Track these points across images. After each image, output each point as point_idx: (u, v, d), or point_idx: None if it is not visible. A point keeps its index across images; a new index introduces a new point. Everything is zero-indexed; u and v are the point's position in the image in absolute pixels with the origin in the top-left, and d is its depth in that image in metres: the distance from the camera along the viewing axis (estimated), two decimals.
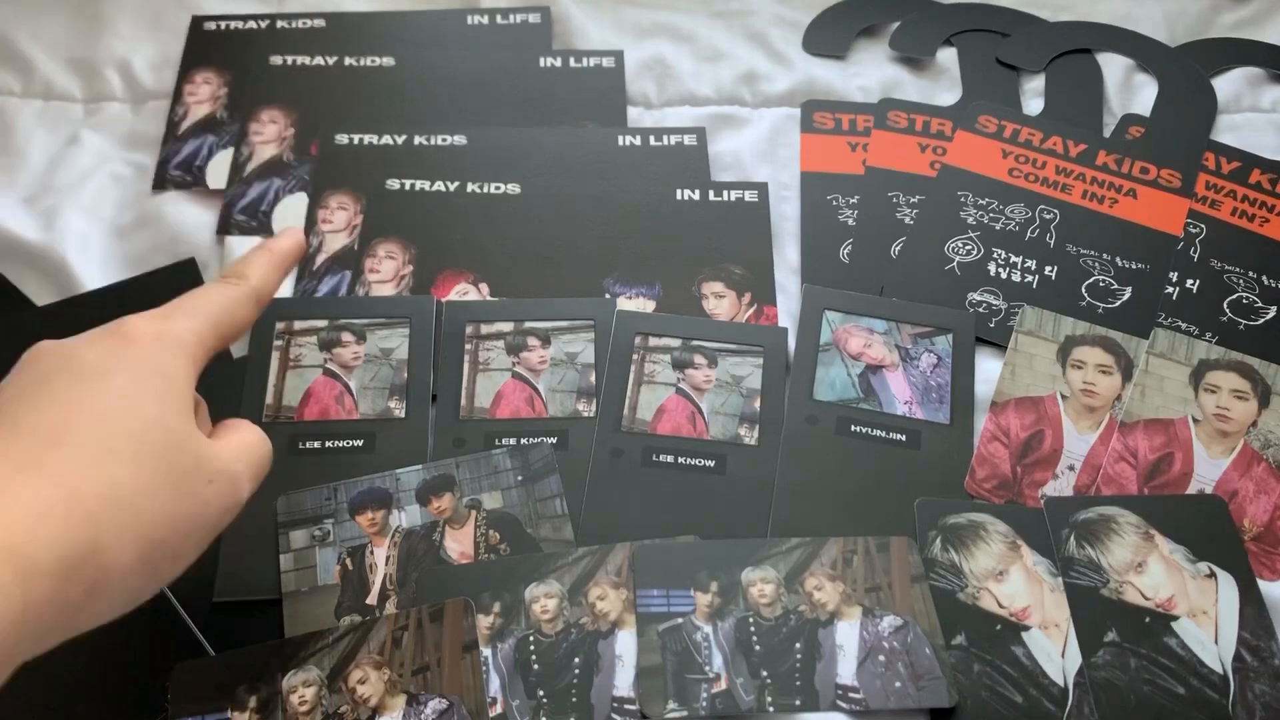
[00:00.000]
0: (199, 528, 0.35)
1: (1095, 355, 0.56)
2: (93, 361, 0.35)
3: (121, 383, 0.34)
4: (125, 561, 0.32)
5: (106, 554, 0.31)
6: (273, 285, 0.43)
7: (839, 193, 0.63)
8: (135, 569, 0.32)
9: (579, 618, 0.46)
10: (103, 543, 0.31)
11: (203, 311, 0.39)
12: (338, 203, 0.62)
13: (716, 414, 0.54)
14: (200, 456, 0.35)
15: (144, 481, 0.33)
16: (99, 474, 0.32)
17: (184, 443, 0.35)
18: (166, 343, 0.37)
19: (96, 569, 0.31)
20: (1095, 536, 0.49)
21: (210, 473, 0.35)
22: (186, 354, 0.37)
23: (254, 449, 0.39)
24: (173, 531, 0.34)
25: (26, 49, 0.69)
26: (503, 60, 0.69)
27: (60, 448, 0.32)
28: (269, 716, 0.44)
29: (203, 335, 0.38)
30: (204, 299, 0.40)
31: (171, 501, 0.33)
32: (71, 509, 0.30)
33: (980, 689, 0.45)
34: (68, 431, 0.32)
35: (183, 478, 0.34)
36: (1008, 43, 0.71)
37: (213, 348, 0.39)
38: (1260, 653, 0.46)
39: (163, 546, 0.33)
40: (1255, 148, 0.65)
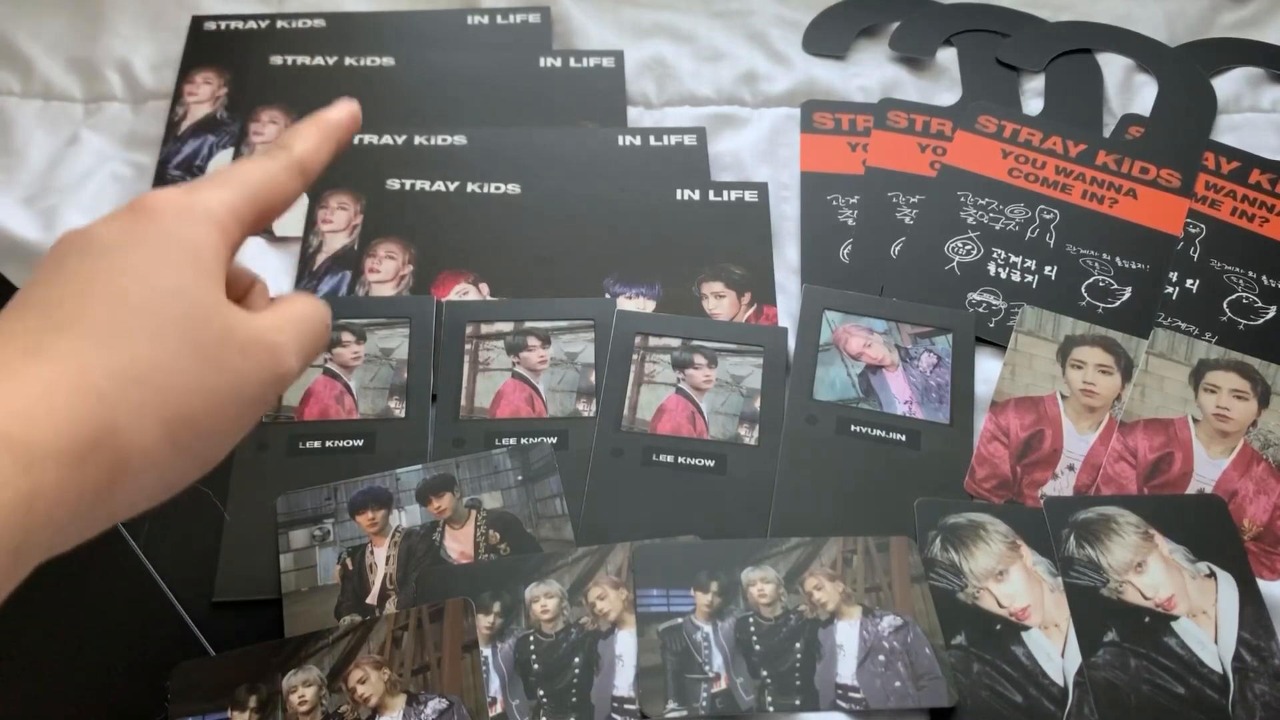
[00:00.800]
0: (234, 402, 0.32)
1: (1095, 355, 0.56)
2: (107, 238, 0.32)
3: (137, 256, 0.32)
4: (148, 442, 0.30)
5: (125, 434, 0.29)
6: (321, 157, 0.39)
7: (839, 193, 0.63)
8: (162, 449, 0.30)
9: (579, 617, 0.46)
10: (119, 423, 0.29)
11: (235, 181, 0.36)
12: (338, 202, 0.62)
13: (716, 414, 0.54)
14: (230, 326, 0.32)
15: (164, 356, 0.30)
16: (111, 352, 0.30)
17: (208, 313, 0.32)
18: (191, 213, 0.33)
19: (115, 451, 0.29)
20: (1095, 536, 0.49)
21: (242, 343, 0.33)
22: (214, 223, 0.34)
23: (304, 319, 0.36)
24: (203, 407, 0.31)
25: (26, 49, 0.69)
26: (503, 60, 0.69)
27: (68, 328, 0.30)
28: (269, 716, 0.44)
29: (235, 206, 0.35)
30: (238, 169, 0.36)
31: (197, 375, 0.31)
32: (79, 389, 0.28)
33: (980, 689, 0.45)
34: (77, 310, 0.30)
35: (210, 349, 0.32)
36: (1008, 43, 0.71)
37: (249, 220, 0.36)
38: (1260, 653, 0.46)
39: (193, 424, 0.31)
40: (1255, 148, 0.65)
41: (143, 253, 0.32)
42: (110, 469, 0.29)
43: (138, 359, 0.30)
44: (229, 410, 0.32)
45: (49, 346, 0.29)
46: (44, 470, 0.27)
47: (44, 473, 0.27)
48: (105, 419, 0.29)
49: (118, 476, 0.29)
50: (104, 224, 0.33)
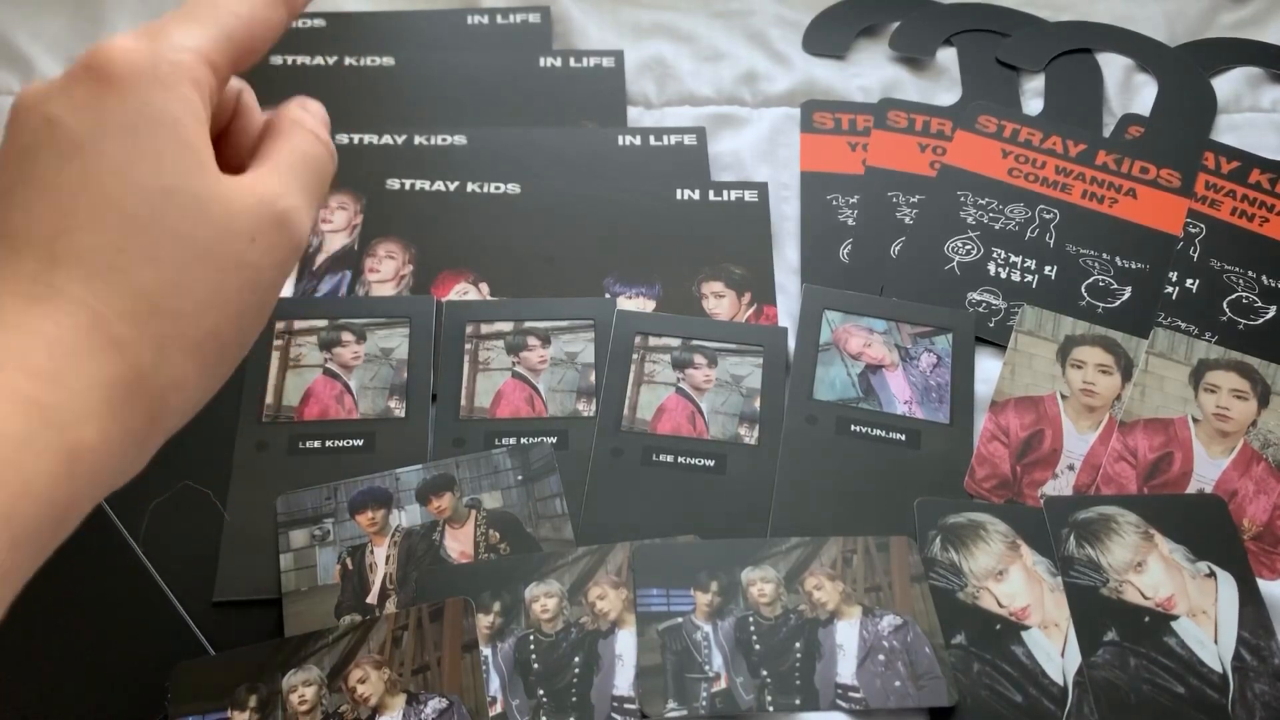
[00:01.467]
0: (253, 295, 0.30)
1: (1095, 355, 0.56)
2: (75, 128, 0.28)
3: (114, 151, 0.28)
4: (178, 374, 0.28)
5: (154, 375, 0.28)
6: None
7: (839, 193, 0.63)
8: (192, 375, 0.29)
9: (579, 617, 0.46)
10: (144, 365, 0.27)
11: (208, 16, 0.31)
12: (338, 202, 0.62)
13: (716, 414, 0.54)
14: (229, 215, 0.29)
15: (171, 275, 0.28)
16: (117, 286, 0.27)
17: (204, 207, 0.29)
18: (160, 74, 0.29)
19: (148, 394, 0.28)
20: (1095, 536, 0.49)
21: (250, 226, 0.29)
22: (189, 81, 0.30)
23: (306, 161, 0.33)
24: (222, 316, 0.29)
25: (26, 49, 0.69)
26: (503, 60, 0.69)
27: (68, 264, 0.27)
28: (269, 716, 0.44)
29: (208, 51, 0.31)
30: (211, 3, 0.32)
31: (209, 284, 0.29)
32: (98, 343, 0.27)
33: (980, 688, 0.45)
34: (70, 238, 0.27)
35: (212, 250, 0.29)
36: (1008, 43, 0.71)
37: (229, 62, 0.32)
38: (1260, 652, 0.46)
39: (217, 337, 0.29)
40: (1255, 148, 0.65)
41: (116, 146, 0.28)
42: (148, 411, 0.28)
43: (147, 289, 0.28)
44: (250, 306, 0.30)
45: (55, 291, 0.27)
46: (82, 429, 0.26)
47: (82, 431, 0.26)
48: (132, 366, 0.27)
49: (156, 415, 0.28)
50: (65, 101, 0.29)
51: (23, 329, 0.26)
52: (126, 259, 0.28)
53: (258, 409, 0.53)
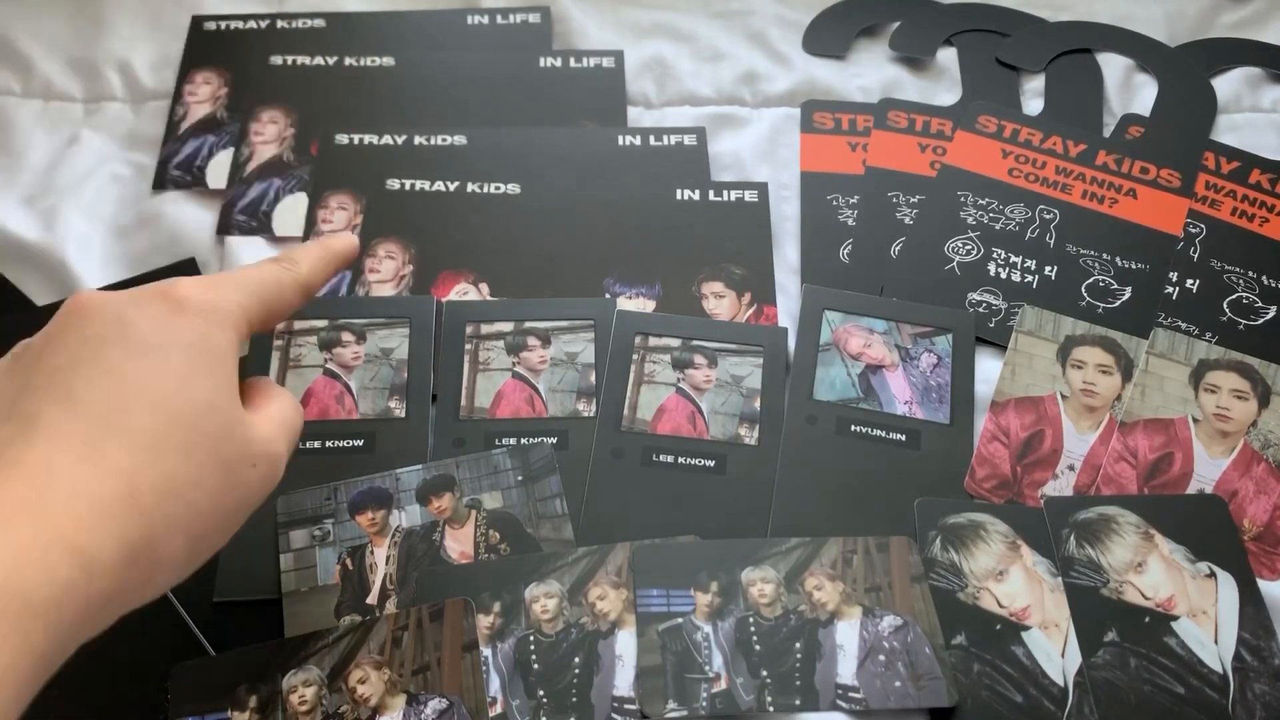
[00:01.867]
0: (239, 512, 0.35)
1: (1095, 355, 0.56)
2: (147, 333, 0.34)
3: (176, 361, 0.34)
4: (174, 552, 0.32)
5: (159, 547, 0.31)
6: (321, 279, 0.42)
7: (839, 193, 0.63)
8: (181, 557, 0.33)
9: (579, 618, 0.46)
10: (156, 536, 0.31)
11: (254, 286, 0.38)
12: (338, 203, 0.62)
13: (716, 414, 0.54)
14: (246, 440, 0.35)
15: (194, 472, 0.33)
16: (156, 466, 0.32)
17: (233, 428, 0.34)
18: (219, 314, 0.36)
19: (150, 561, 0.31)
20: (1095, 536, 0.49)
21: (255, 456, 0.35)
22: (234, 327, 0.36)
23: (289, 422, 0.38)
24: (217, 520, 0.34)
25: (26, 49, 0.69)
26: (503, 60, 0.69)
27: (119, 436, 0.31)
28: (269, 716, 0.44)
29: (250, 311, 0.37)
30: (256, 274, 0.39)
31: (218, 490, 0.33)
32: (130, 505, 0.31)
33: (980, 689, 0.45)
34: (125, 416, 0.32)
35: (230, 465, 0.34)
36: (1008, 43, 0.71)
37: (257, 325, 0.38)
38: (1260, 653, 0.46)
39: (207, 536, 0.34)
40: (1255, 148, 0.65)
41: (180, 357, 0.34)
42: (144, 576, 0.31)
43: (175, 475, 0.32)
44: (234, 521, 0.35)
45: (101, 455, 0.31)
46: (102, 577, 0.29)
47: (101, 579, 0.29)
48: (146, 532, 0.31)
49: (144, 582, 0.32)
50: (140, 312, 0.34)
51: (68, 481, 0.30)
52: (167, 448, 0.32)
53: None
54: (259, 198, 0.62)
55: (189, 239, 0.60)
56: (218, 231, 0.61)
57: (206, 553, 0.34)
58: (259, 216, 0.61)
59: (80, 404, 0.32)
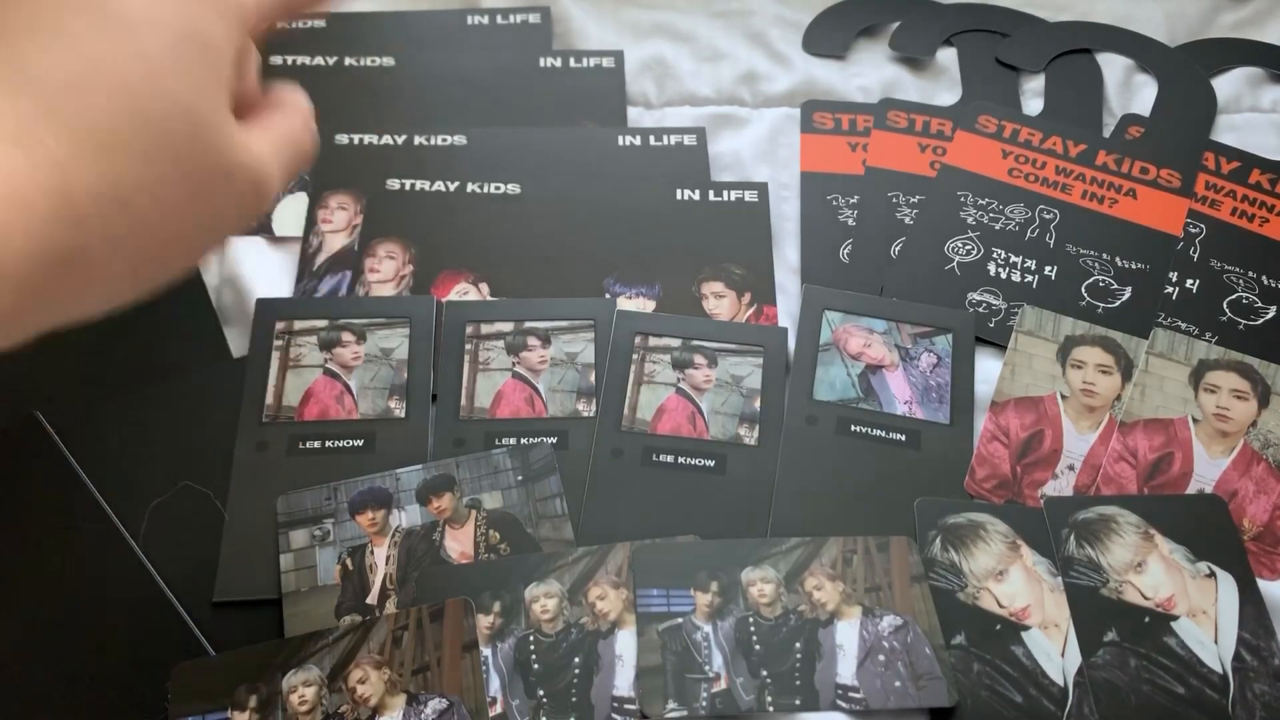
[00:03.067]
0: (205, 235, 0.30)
1: (1095, 355, 0.56)
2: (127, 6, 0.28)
3: (153, 45, 0.28)
4: (113, 270, 0.28)
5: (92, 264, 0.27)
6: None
7: (839, 193, 0.63)
8: (123, 278, 0.28)
9: (579, 617, 0.46)
10: (90, 249, 0.26)
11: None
12: (338, 203, 0.62)
13: (716, 414, 0.54)
14: (226, 155, 0.29)
15: (151, 180, 0.27)
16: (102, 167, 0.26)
17: (209, 135, 0.29)
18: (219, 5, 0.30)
19: (77, 278, 0.27)
20: (1095, 536, 0.49)
21: (234, 175, 0.30)
22: (236, 13, 0.31)
23: (294, 142, 0.33)
24: (174, 239, 0.29)
25: None
26: (503, 60, 0.69)
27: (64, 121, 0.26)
28: (269, 716, 0.44)
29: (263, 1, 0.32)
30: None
31: (179, 205, 0.28)
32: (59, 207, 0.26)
33: (980, 689, 0.45)
34: (76, 99, 0.26)
35: (201, 179, 0.29)
36: (1008, 43, 0.71)
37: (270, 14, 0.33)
38: (1260, 652, 0.46)
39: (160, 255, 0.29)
40: (1255, 148, 0.65)
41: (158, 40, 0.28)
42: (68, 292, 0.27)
43: (126, 181, 0.27)
44: (197, 243, 0.30)
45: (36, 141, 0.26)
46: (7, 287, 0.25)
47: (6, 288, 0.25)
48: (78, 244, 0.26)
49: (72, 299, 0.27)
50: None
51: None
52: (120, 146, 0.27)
53: (258, 409, 0.53)
54: None
55: None
56: None
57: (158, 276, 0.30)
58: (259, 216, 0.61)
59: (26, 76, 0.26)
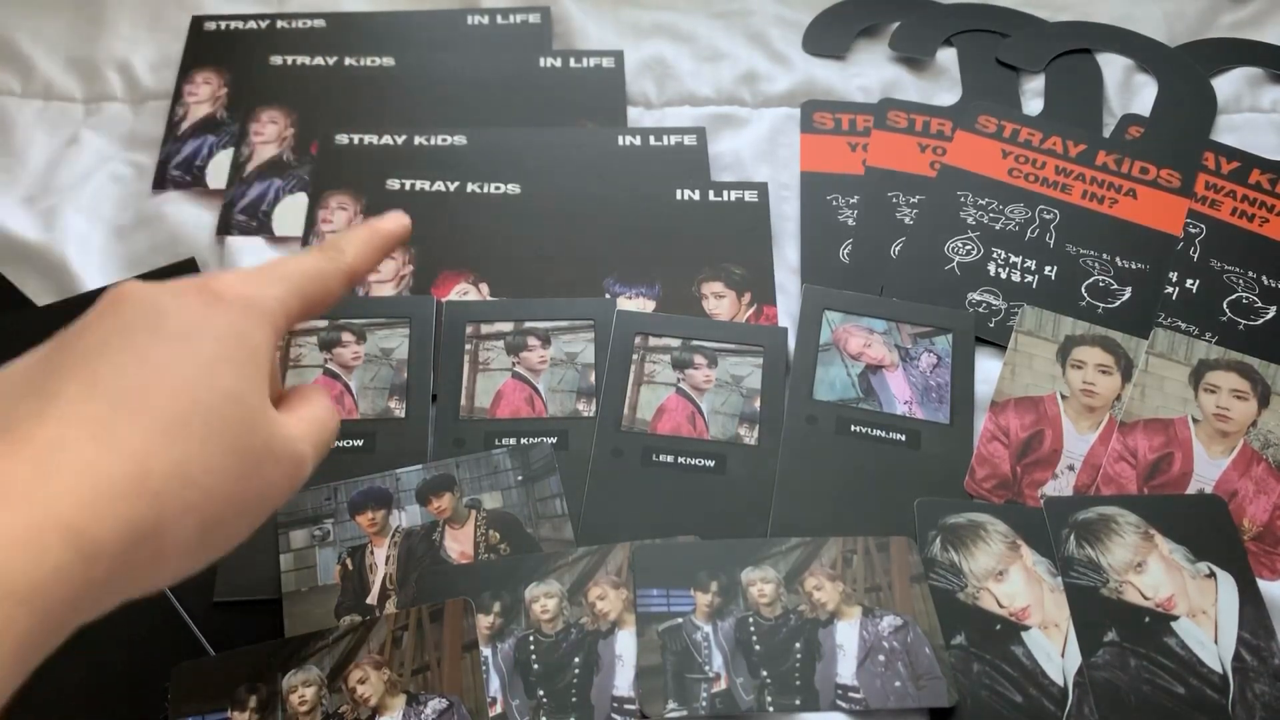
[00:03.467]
0: (258, 507, 0.34)
1: (1095, 355, 0.56)
2: (180, 321, 0.33)
3: (206, 350, 0.33)
4: (185, 540, 0.31)
5: (168, 533, 0.31)
6: (369, 265, 0.41)
7: (839, 193, 0.63)
8: (193, 546, 0.32)
9: (579, 617, 0.46)
10: (164, 522, 0.30)
11: (295, 280, 0.37)
12: (338, 203, 0.62)
13: (716, 414, 0.54)
14: (271, 435, 0.34)
15: (213, 460, 0.32)
16: (171, 450, 0.31)
17: (257, 421, 0.34)
18: (254, 309, 0.35)
19: (156, 548, 0.30)
20: (1095, 536, 0.49)
21: (278, 452, 0.34)
22: (271, 323, 0.36)
23: (323, 427, 0.38)
24: (232, 510, 0.33)
25: (26, 49, 0.69)
26: (503, 60, 0.69)
27: (134, 416, 0.31)
28: (269, 716, 0.44)
29: (289, 305, 0.37)
30: (297, 267, 0.38)
31: (237, 481, 0.33)
32: (140, 487, 0.30)
33: (980, 689, 0.45)
34: (145, 399, 0.31)
35: (251, 457, 0.33)
36: (1008, 43, 0.71)
37: (296, 318, 0.38)
38: (1260, 653, 0.46)
39: (222, 525, 0.33)
40: (1255, 148, 0.65)
41: (210, 347, 0.33)
42: (149, 560, 0.31)
43: (192, 460, 0.31)
44: (254, 513, 0.34)
45: (114, 436, 0.30)
46: (98, 562, 0.29)
47: (97, 564, 0.29)
48: (155, 517, 0.30)
49: (151, 569, 0.31)
50: (176, 301, 0.34)
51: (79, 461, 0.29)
52: (184, 433, 0.31)
53: None
54: (259, 198, 0.62)
55: (189, 239, 0.60)
56: (218, 232, 0.61)
57: (221, 543, 0.34)
58: (259, 216, 0.61)
59: (101, 385, 0.31)
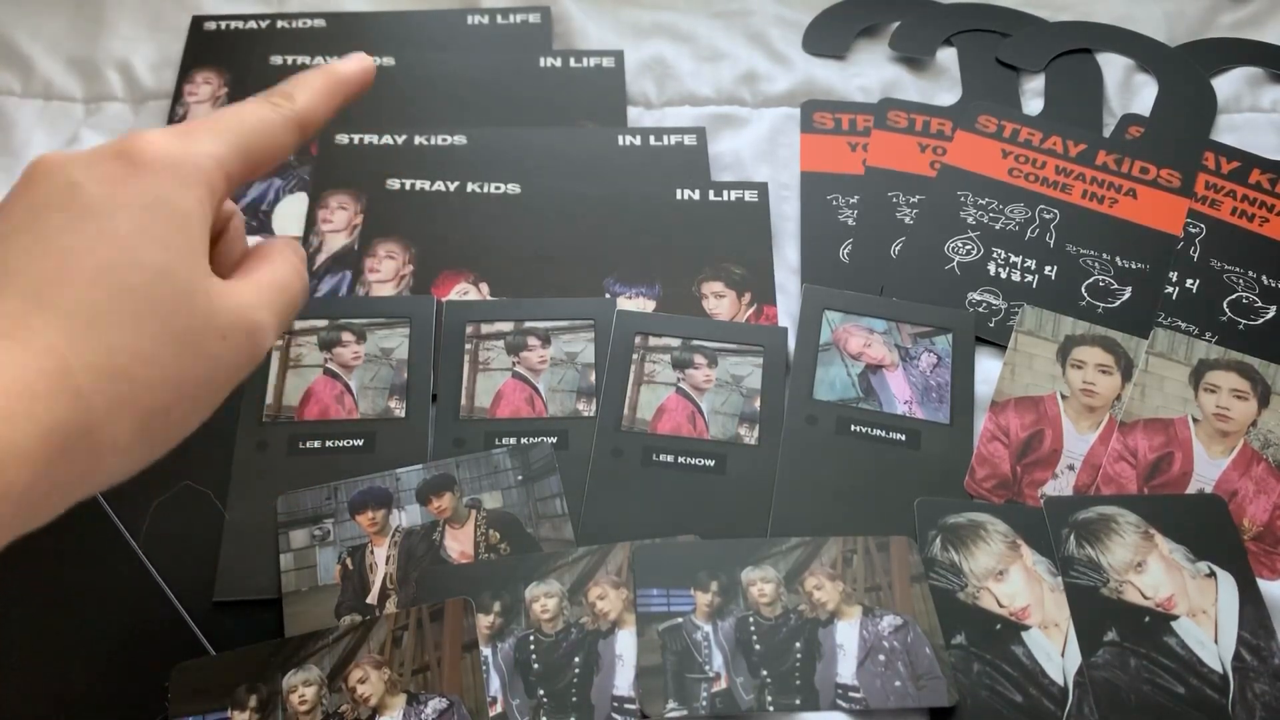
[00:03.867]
0: (208, 388, 0.32)
1: (1095, 355, 0.56)
2: (94, 195, 0.30)
3: (125, 224, 0.30)
4: (122, 437, 0.29)
5: (100, 432, 0.28)
6: (323, 113, 0.37)
7: (839, 193, 0.63)
8: (133, 442, 0.30)
9: (579, 617, 0.46)
10: (95, 421, 0.28)
11: (232, 133, 0.34)
12: (338, 203, 0.62)
13: (716, 414, 0.54)
14: (213, 309, 0.31)
15: (144, 345, 0.29)
16: (93, 341, 0.28)
17: (193, 295, 0.31)
18: (183, 171, 0.32)
19: (89, 449, 0.28)
20: (1095, 536, 0.49)
21: (225, 326, 0.31)
22: (205, 183, 0.32)
23: (283, 288, 0.35)
24: (177, 397, 0.30)
25: (26, 49, 0.69)
26: (503, 60, 0.69)
27: (51, 309, 0.28)
28: (269, 716, 0.44)
29: (227, 161, 0.33)
30: (236, 118, 0.34)
31: (176, 365, 0.30)
32: (59, 385, 0.27)
33: (980, 688, 0.45)
34: (61, 287, 0.29)
35: (191, 336, 0.30)
36: (1008, 43, 0.71)
37: (239, 177, 0.34)
38: (1260, 652, 0.46)
39: (164, 414, 0.30)
40: (1255, 148, 0.65)
41: (130, 220, 0.30)
42: (83, 465, 0.28)
43: (118, 349, 0.29)
44: (202, 397, 0.32)
45: (29, 331, 0.28)
46: (17, 470, 0.26)
47: (17, 472, 0.26)
48: (82, 417, 0.28)
49: (89, 470, 0.29)
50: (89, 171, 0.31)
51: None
52: (108, 321, 0.29)
53: (258, 409, 0.53)
54: (259, 197, 0.62)
55: None
56: None
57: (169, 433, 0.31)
58: (259, 216, 0.61)
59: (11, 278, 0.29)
